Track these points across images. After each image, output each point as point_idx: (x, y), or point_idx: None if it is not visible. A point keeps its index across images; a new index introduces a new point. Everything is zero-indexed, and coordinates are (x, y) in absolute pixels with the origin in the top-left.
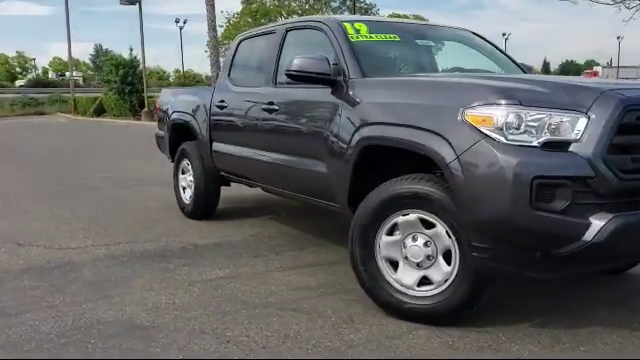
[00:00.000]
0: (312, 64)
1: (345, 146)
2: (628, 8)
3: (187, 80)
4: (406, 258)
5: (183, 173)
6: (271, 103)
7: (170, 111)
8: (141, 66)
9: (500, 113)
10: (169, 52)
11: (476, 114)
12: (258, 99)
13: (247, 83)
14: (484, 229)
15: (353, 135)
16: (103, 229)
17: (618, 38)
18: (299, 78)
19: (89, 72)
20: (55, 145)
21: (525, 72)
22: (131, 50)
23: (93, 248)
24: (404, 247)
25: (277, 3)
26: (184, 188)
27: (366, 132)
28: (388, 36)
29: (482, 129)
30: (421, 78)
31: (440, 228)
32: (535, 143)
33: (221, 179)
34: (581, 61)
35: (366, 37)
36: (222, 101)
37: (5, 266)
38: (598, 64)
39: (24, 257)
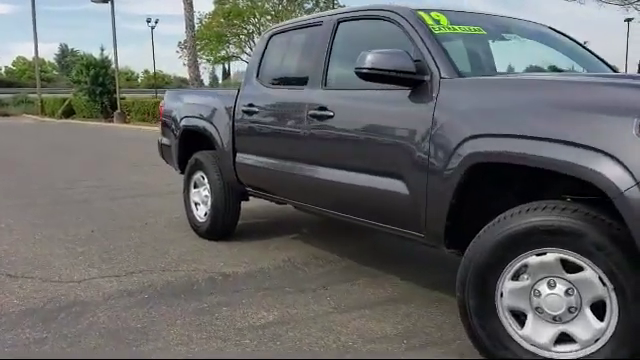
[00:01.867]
0: (391, 60)
1: (442, 163)
2: (638, 9)
3: (157, 81)
4: (537, 309)
5: (196, 187)
6: (323, 108)
7: (179, 116)
8: (113, 66)
9: None
10: (137, 53)
11: None
12: (302, 103)
13: (284, 84)
14: None
15: (456, 149)
16: (106, 253)
17: None
18: (372, 77)
19: (54, 72)
20: (28, 149)
21: (615, 71)
22: (102, 50)
23: (102, 281)
24: (536, 295)
25: (250, 4)
26: (197, 204)
27: (477, 146)
28: (472, 28)
29: None
30: (559, 78)
31: (590, 273)
32: None
33: (243, 194)
34: None
35: (449, 29)
36: (251, 105)
37: None
38: None
39: (19, 294)
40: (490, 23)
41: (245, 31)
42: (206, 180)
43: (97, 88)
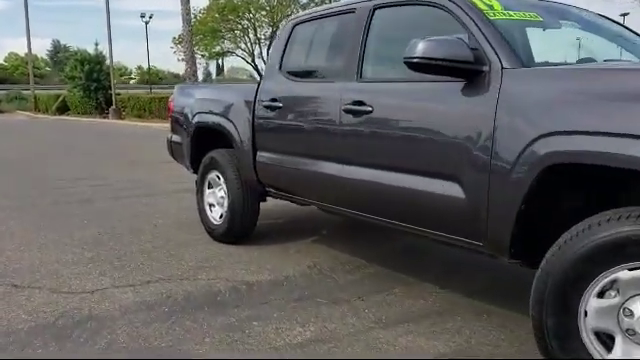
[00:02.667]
0: (446, 48)
1: (508, 164)
2: None
3: (151, 77)
4: (628, 331)
5: (210, 187)
6: (359, 103)
7: (191, 112)
8: (108, 62)
9: None
10: (130, 49)
11: None
12: (334, 97)
13: (312, 77)
14: None
15: (525, 149)
16: (117, 259)
17: None
18: (424, 68)
19: (47, 69)
20: (23, 147)
21: None
22: (96, 45)
23: (116, 291)
24: (626, 315)
25: None
26: (211, 205)
27: (553, 145)
28: (528, 15)
29: None
30: None
31: None
32: None
33: (262, 195)
34: None
35: (505, 15)
36: (274, 100)
37: (4, 323)
38: None
39: (27, 308)
40: (544, 9)
41: (240, 26)
42: (222, 180)
43: (92, 84)
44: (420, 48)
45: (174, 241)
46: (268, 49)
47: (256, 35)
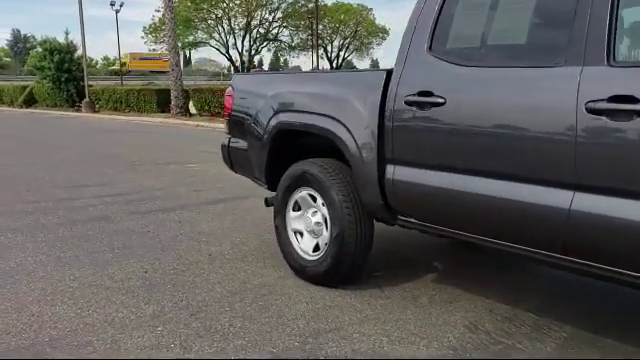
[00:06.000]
0: None
1: None
2: None
3: (120, 68)
4: None
5: (297, 209)
6: (623, 99)
7: (269, 110)
8: (80, 51)
9: None
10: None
11: None
12: (565, 89)
13: (503, 59)
14: None
15: None
16: (191, 316)
17: None
18: None
19: (7, 59)
20: (2, 147)
21: None
22: (67, 34)
23: None
24: None
25: None
26: (298, 233)
27: None
28: None
29: None
30: None
31: None
32: None
33: (388, 223)
34: None
35: None
36: (426, 93)
37: None
38: None
39: None
40: None
41: (213, 16)
42: (320, 201)
43: (62, 75)
44: None
45: (252, 282)
46: (243, 40)
47: (230, 25)
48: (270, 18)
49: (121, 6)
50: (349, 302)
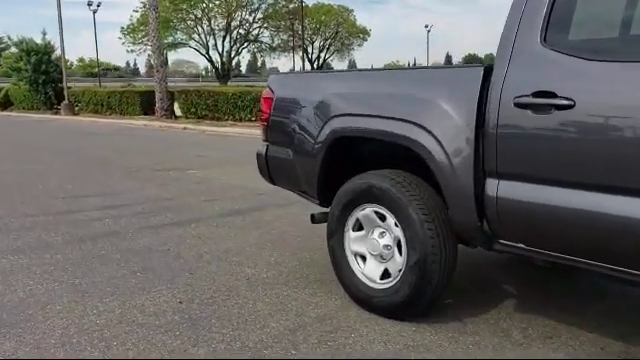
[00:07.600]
0: None
1: None
2: None
3: (97, 69)
4: None
5: (359, 229)
6: None
7: (321, 115)
8: (58, 52)
9: None
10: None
11: None
12: None
13: None
14: None
15: None
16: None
17: None
18: None
19: None
20: None
21: None
22: (44, 34)
23: None
24: None
25: None
26: (360, 256)
27: None
28: None
29: None
30: None
31: None
32: None
33: (486, 247)
34: (481, 54)
35: None
36: (545, 94)
37: None
38: None
39: None
40: None
41: (193, 16)
42: (390, 221)
43: (40, 76)
44: None
45: (308, 314)
46: (223, 41)
47: (210, 26)
48: (250, 19)
49: (98, 6)
50: (433, 340)
